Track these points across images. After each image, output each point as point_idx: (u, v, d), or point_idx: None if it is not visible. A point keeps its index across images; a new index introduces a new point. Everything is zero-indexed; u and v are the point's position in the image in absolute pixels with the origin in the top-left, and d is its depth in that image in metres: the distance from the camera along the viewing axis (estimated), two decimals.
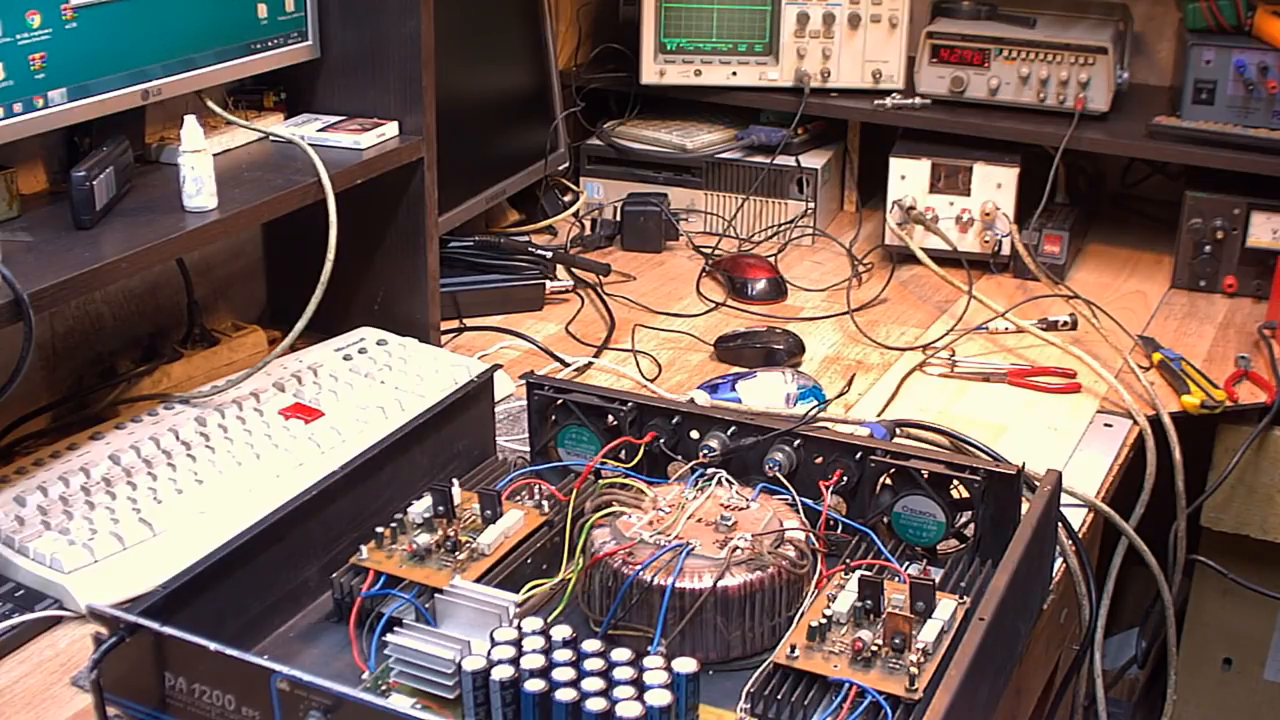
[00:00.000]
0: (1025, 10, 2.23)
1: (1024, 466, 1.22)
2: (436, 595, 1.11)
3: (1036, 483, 1.22)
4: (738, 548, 1.11)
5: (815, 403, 1.57)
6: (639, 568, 1.09)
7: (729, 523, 1.15)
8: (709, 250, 2.12)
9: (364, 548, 1.18)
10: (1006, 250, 2.05)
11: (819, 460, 1.27)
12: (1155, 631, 2.07)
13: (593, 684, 0.95)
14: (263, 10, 1.58)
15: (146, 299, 1.65)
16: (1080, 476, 1.49)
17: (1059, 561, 1.33)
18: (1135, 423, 1.62)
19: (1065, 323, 1.87)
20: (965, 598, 1.11)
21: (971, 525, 1.22)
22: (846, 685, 1.01)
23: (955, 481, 1.21)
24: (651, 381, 1.71)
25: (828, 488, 1.24)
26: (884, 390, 1.69)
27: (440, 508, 1.21)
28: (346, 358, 1.62)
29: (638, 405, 1.33)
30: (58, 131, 1.40)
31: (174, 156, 1.45)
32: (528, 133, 2.21)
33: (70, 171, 1.36)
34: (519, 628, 1.01)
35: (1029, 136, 2.08)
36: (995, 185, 2.03)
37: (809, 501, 1.23)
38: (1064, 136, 2.03)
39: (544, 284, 1.95)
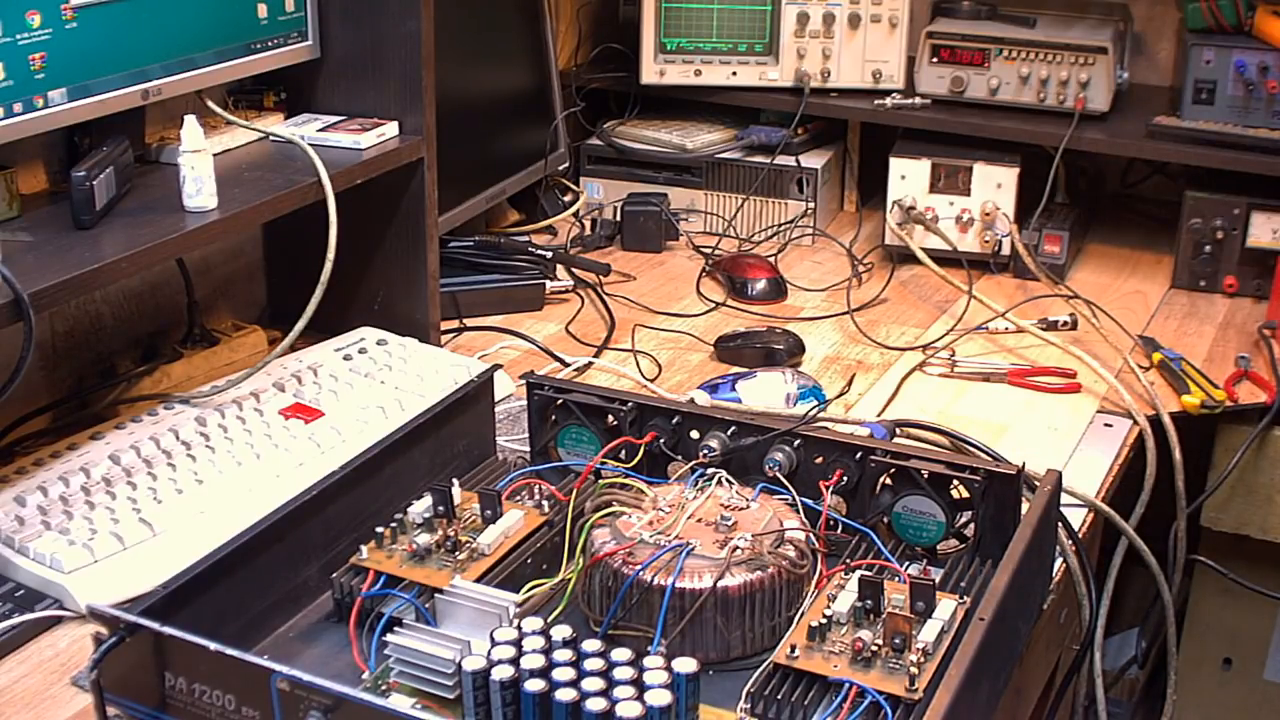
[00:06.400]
0: (1025, 10, 2.23)
1: (1024, 466, 1.22)
2: (436, 595, 1.11)
3: (1036, 483, 1.22)
4: (738, 548, 1.11)
5: (815, 403, 1.57)
6: (639, 568, 1.09)
7: (729, 523, 1.15)
8: (709, 250, 2.12)
9: (364, 548, 1.18)
10: (1006, 250, 2.05)
11: (819, 460, 1.27)
12: (1155, 631, 2.07)
13: (593, 684, 0.95)
14: (263, 10, 1.58)
15: (146, 299, 1.65)
16: (1080, 476, 1.49)
17: (1059, 561, 1.33)
18: (1135, 423, 1.62)
19: (1065, 323, 1.87)
20: (965, 598, 1.11)
21: (971, 525, 1.22)
22: (846, 685, 1.01)
23: (955, 481, 1.21)
24: (651, 381, 1.71)
25: (828, 488, 1.24)
26: (884, 390, 1.69)
27: (440, 508, 1.21)
28: (346, 358, 1.62)
29: (638, 405, 1.33)
30: (58, 131, 1.40)
31: (174, 156, 1.45)
32: (528, 133, 2.21)
33: (70, 171, 1.36)
34: (519, 628, 1.01)
35: (1029, 136, 2.08)
36: (995, 185, 2.03)
37: (809, 501, 1.23)
38: (1064, 136, 2.03)
39: (544, 284, 1.95)
